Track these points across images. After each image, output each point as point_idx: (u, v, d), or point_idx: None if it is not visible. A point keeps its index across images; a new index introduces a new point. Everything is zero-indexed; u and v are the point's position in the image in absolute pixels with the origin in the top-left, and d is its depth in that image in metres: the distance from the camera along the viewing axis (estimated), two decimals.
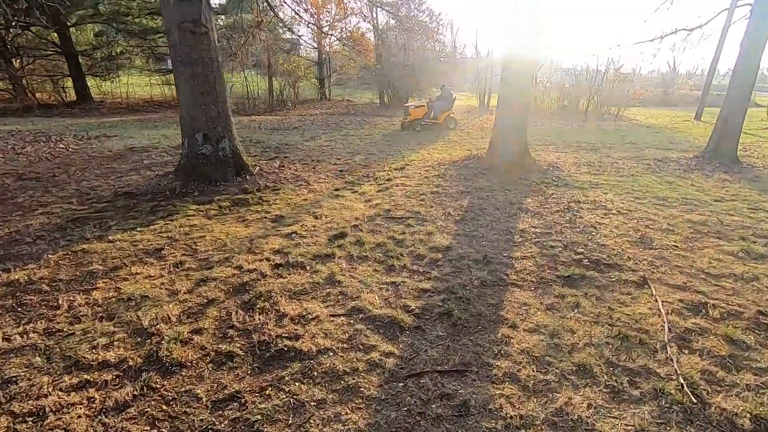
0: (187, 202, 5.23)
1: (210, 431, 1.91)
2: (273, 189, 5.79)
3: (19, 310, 2.87)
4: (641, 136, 11.77)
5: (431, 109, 12.30)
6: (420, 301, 3.02)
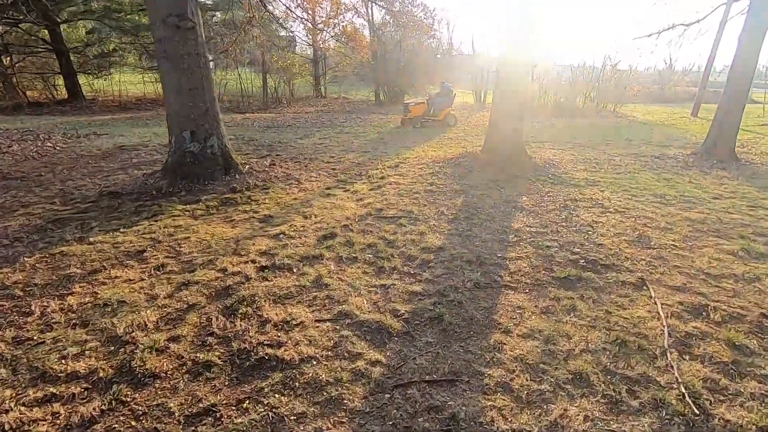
0: (173, 201, 5.08)
1: None
2: (263, 188, 5.65)
3: None
4: (638, 133, 11.67)
5: (431, 106, 12.16)
6: (410, 305, 2.90)
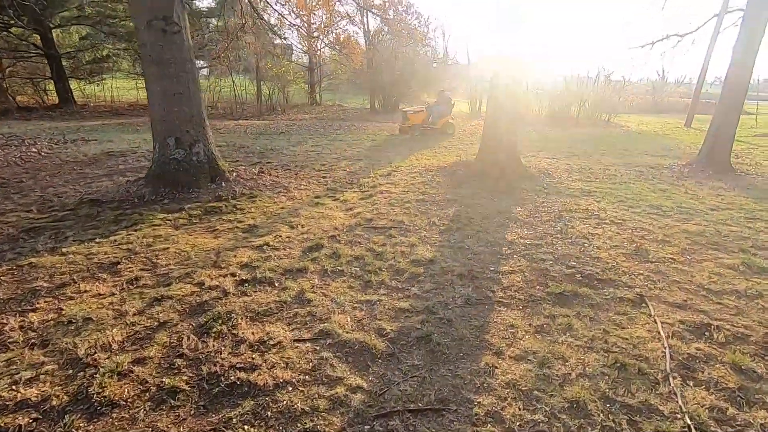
0: (155, 210, 4.89)
1: None
2: (249, 196, 5.47)
3: None
4: (633, 143, 11.64)
5: (430, 115, 12.09)
6: (396, 323, 2.73)
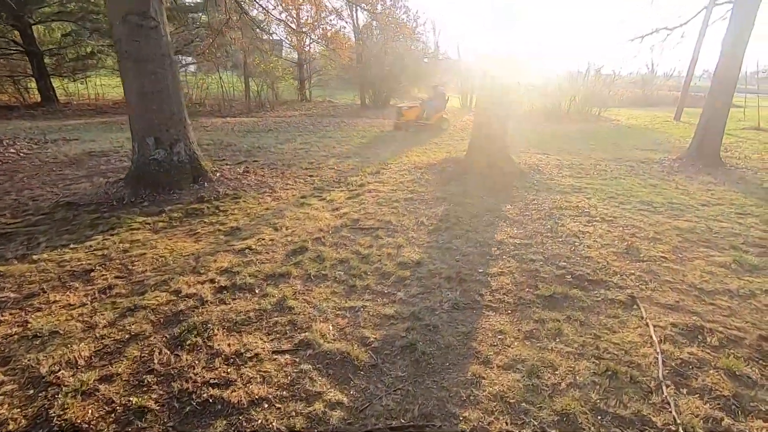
0: (134, 213, 4.72)
1: None
2: (233, 197, 5.32)
3: None
4: (623, 137, 11.62)
5: (424, 110, 11.98)
6: (380, 331, 2.62)
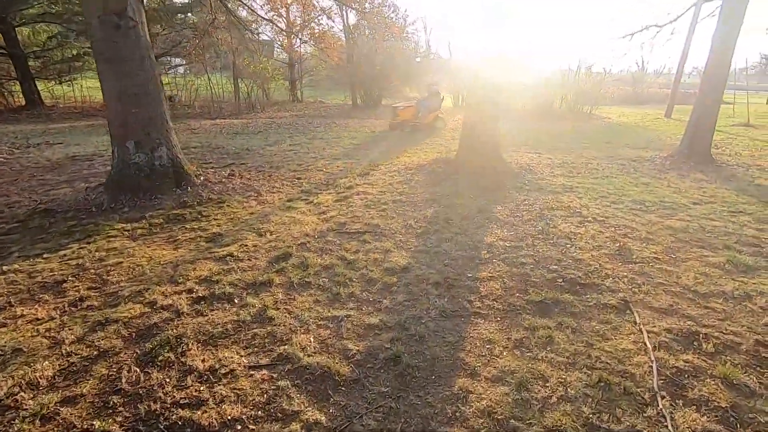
0: (113, 219, 4.56)
1: None
2: (217, 202, 5.17)
3: None
4: (614, 135, 11.60)
5: (419, 110, 11.90)
6: (364, 342, 2.50)
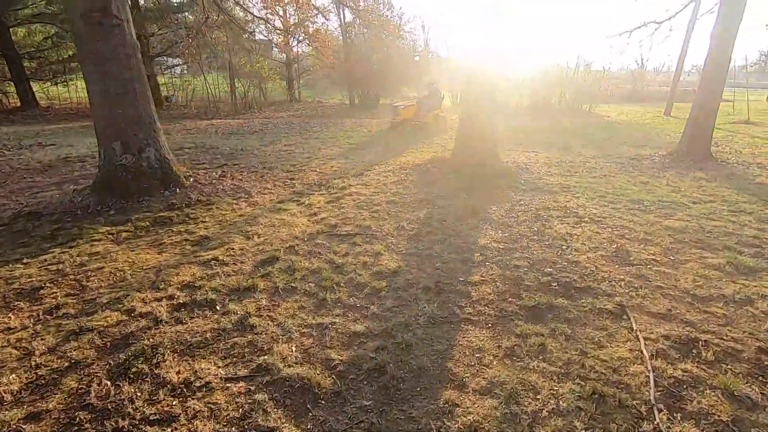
0: (98, 222, 4.46)
1: None
2: (206, 204, 5.06)
3: None
4: (613, 133, 11.48)
5: (420, 109, 11.81)
6: (348, 351, 2.39)
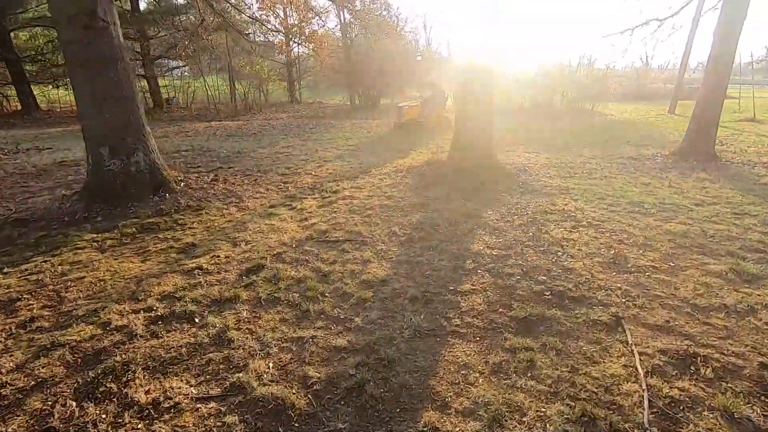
0: (84, 230, 4.38)
1: None
2: (195, 209, 4.97)
3: None
4: (615, 132, 11.29)
5: (425, 108, 11.73)
6: (327, 368, 2.28)
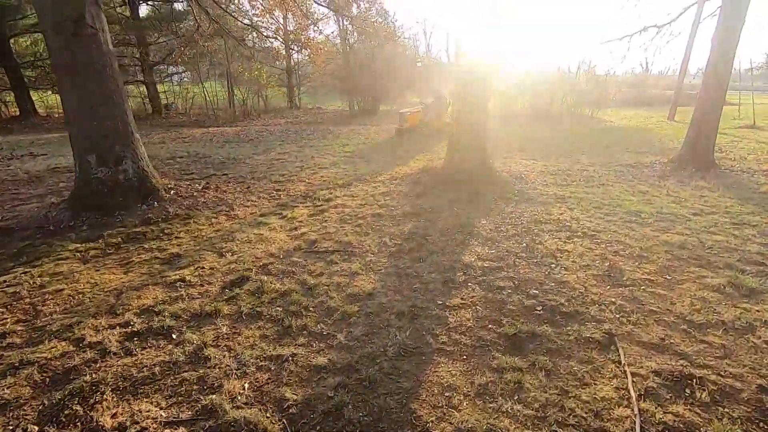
0: (68, 239, 4.29)
1: None
2: (184, 218, 4.89)
3: None
4: (614, 139, 11.21)
5: (426, 115, 11.70)
6: (305, 389, 2.18)
